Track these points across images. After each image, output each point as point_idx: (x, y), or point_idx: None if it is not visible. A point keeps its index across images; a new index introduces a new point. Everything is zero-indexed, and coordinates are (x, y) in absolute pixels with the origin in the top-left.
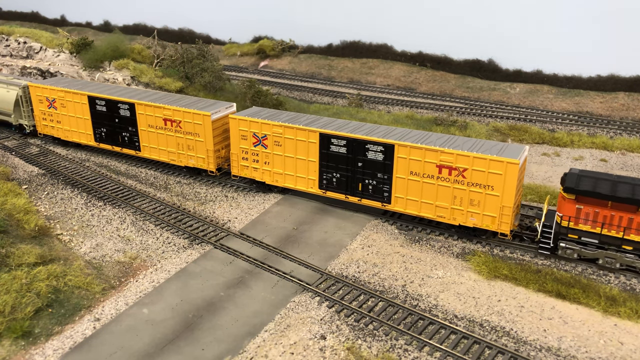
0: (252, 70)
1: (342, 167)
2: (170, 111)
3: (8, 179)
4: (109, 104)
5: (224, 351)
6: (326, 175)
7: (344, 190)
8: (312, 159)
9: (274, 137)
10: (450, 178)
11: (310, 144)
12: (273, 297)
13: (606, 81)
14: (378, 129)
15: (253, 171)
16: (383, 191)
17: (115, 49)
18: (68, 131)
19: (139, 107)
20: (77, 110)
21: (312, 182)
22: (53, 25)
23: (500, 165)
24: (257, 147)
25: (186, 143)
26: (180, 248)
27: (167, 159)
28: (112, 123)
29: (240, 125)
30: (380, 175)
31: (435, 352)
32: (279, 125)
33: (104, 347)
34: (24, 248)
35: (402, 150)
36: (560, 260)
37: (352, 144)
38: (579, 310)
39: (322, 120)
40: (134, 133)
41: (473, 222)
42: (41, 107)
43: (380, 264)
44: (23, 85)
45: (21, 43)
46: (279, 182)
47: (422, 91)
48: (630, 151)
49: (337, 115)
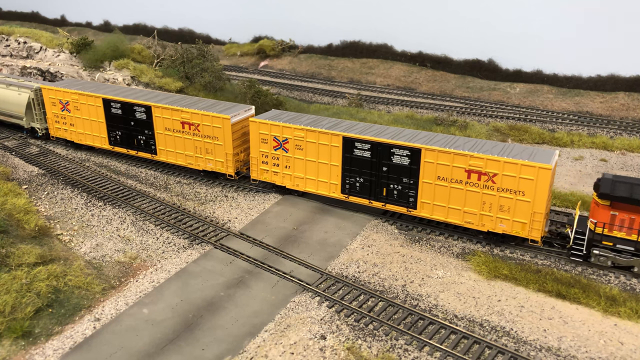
0: (252, 70)
1: (365, 172)
2: (189, 114)
3: (8, 179)
4: (125, 106)
5: (224, 351)
6: (349, 180)
7: (368, 195)
8: (335, 163)
9: (295, 140)
10: (480, 183)
11: (333, 147)
12: (273, 297)
13: (606, 81)
14: (402, 133)
15: (273, 175)
16: (409, 196)
17: (115, 49)
18: (82, 134)
19: (155, 110)
20: (92, 113)
21: (334, 187)
22: (53, 25)
23: (532, 170)
24: (277, 150)
25: (204, 146)
26: (180, 248)
27: (185, 162)
28: (128, 126)
29: (260, 129)
30: (405, 180)
31: (435, 352)
32: (301, 129)
33: (104, 347)
34: (24, 248)
35: (430, 154)
36: (561, 261)
37: (377, 148)
38: (579, 310)
39: (344, 123)
40: (150, 136)
41: (502, 229)
42: (54, 110)
43: (380, 264)
44: (35, 87)
45: (21, 43)
46: (300, 187)
47: (422, 91)
48: (630, 151)
49: (337, 115)
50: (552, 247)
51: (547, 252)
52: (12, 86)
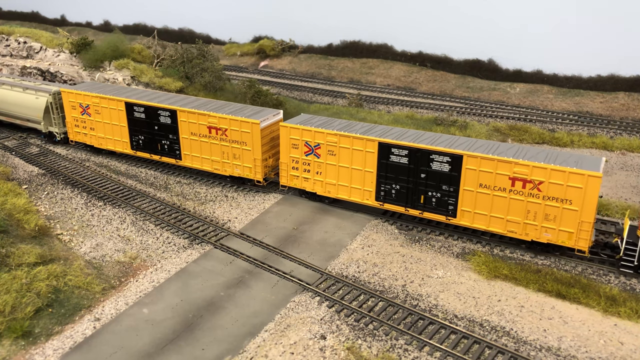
0: (252, 70)
1: (402, 179)
2: (216, 119)
3: (8, 179)
4: (149, 110)
5: (224, 351)
6: (384, 187)
7: (404, 203)
8: (370, 170)
9: (327, 146)
10: (524, 191)
11: (368, 153)
12: (273, 297)
13: (606, 81)
14: (440, 138)
15: (303, 181)
16: (448, 204)
17: (115, 49)
18: (102, 138)
19: (181, 114)
20: (113, 117)
21: (368, 194)
22: (53, 25)
23: (581, 178)
24: (308, 156)
25: (232, 152)
26: (180, 248)
27: (211, 168)
28: (151, 130)
29: (291, 134)
30: (445, 188)
31: (435, 352)
32: (334, 134)
33: (104, 347)
34: (24, 248)
35: (472, 161)
36: (561, 261)
37: (415, 154)
38: (579, 310)
39: (378, 128)
40: (174, 141)
41: (547, 238)
42: (74, 114)
43: (380, 264)
44: (53, 91)
45: (21, 43)
46: (331, 193)
47: (422, 91)
48: (630, 151)
49: (337, 115)
50: (597, 257)
51: (598, 265)
52: (28, 90)
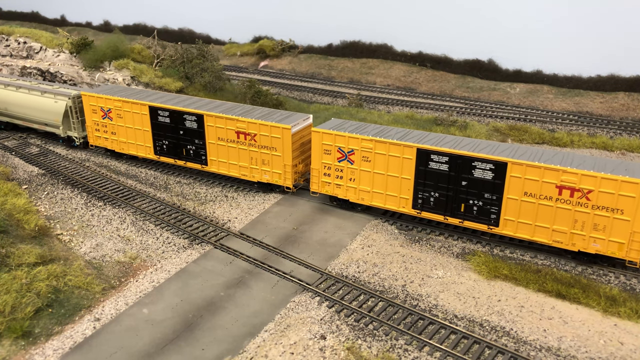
0: (252, 70)
1: (442, 186)
2: (245, 124)
3: (8, 179)
4: (174, 115)
5: (224, 351)
6: (422, 195)
7: (443, 211)
8: (407, 177)
9: (362, 152)
10: (572, 200)
11: (405, 160)
12: (273, 297)
13: (606, 81)
14: (481, 145)
15: (335, 188)
16: (490, 213)
17: (115, 49)
18: (124, 143)
19: (208, 118)
20: (136, 121)
21: (405, 202)
22: (53, 25)
23: (634, 187)
24: (341, 162)
25: (261, 157)
26: (180, 248)
27: (238, 174)
28: (176, 135)
29: (324, 139)
30: (487, 196)
31: (435, 352)
32: (370, 140)
33: (104, 347)
34: (24, 248)
35: (517, 168)
36: (561, 261)
37: (456, 161)
38: (579, 310)
39: (414, 133)
40: (200, 146)
41: (596, 249)
42: (94, 118)
43: (380, 264)
44: (73, 95)
45: (21, 43)
46: (365, 201)
47: (422, 91)
48: (630, 151)
49: (337, 115)
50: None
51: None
52: (47, 93)
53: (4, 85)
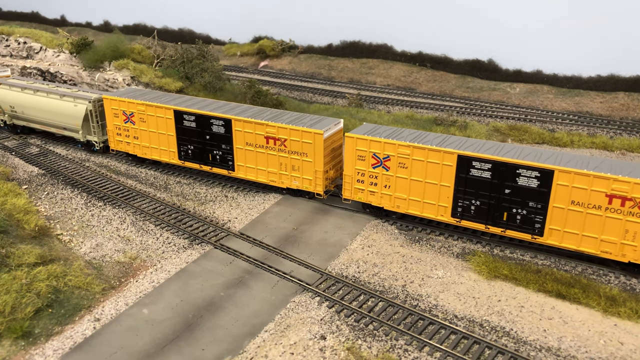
0: (252, 70)
1: (483, 194)
2: (275, 128)
3: (8, 179)
4: (200, 119)
5: (224, 351)
6: (462, 202)
7: (484, 220)
8: (446, 184)
9: (398, 158)
10: (623, 210)
11: (445, 166)
12: (273, 297)
13: (606, 81)
14: (524, 151)
15: (369, 195)
16: (534, 222)
17: (115, 49)
18: (147, 148)
19: (236, 123)
20: (160, 125)
21: (443, 210)
22: (53, 25)
23: None
24: (376, 168)
25: (290, 163)
26: (180, 248)
27: (267, 180)
28: (202, 140)
29: (357, 145)
30: (532, 205)
31: (435, 352)
32: (407, 146)
33: (104, 347)
34: (24, 248)
35: (564, 176)
36: (561, 261)
37: (499, 168)
38: (579, 310)
39: (451, 139)
40: (227, 151)
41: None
42: (116, 122)
43: (380, 264)
44: (93, 98)
45: (21, 43)
46: (401, 208)
47: (422, 91)
48: (630, 151)
49: (337, 115)
50: None
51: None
52: (66, 97)
53: (21, 89)
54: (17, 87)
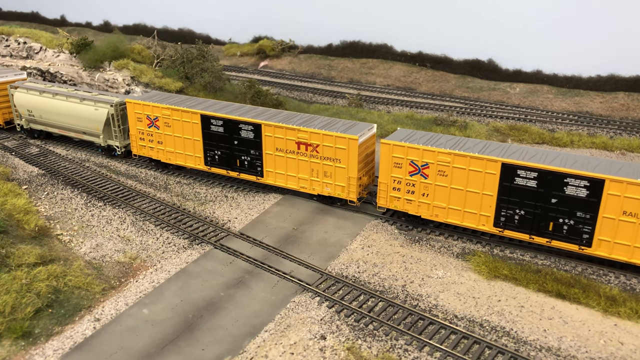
0: (252, 70)
1: (528, 203)
2: (307, 134)
3: (8, 179)
4: (228, 124)
5: (224, 351)
6: (506, 212)
7: (529, 230)
8: (489, 193)
9: (438, 165)
10: None
11: (488, 175)
12: (273, 297)
13: (606, 81)
14: (570, 159)
15: (406, 203)
16: (582, 233)
17: (115, 49)
18: (171, 153)
19: (266, 128)
20: (186, 130)
21: (485, 219)
22: (53, 26)
23: None
24: (414, 176)
25: (322, 169)
26: (180, 248)
27: (297, 186)
28: (230, 145)
29: (394, 152)
30: (580, 215)
31: (435, 352)
32: (447, 153)
33: (104, 347)
34: (24, 248)
35: (615, 186)
36: (561, 261)
37: (546, 177)
38: (579, 310)
39: (492, 145)
40: (256, 157)
41: None
42: (139, 126)
43: (380, 264)
44: (115, 102)
45: (21, 43)
46: (440, 217)
47: (422, 91)
48: (630, 151)
49: (337, 115)
50: None
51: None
52: (86, 100)
53: (39, 92)
54: (35, 91)
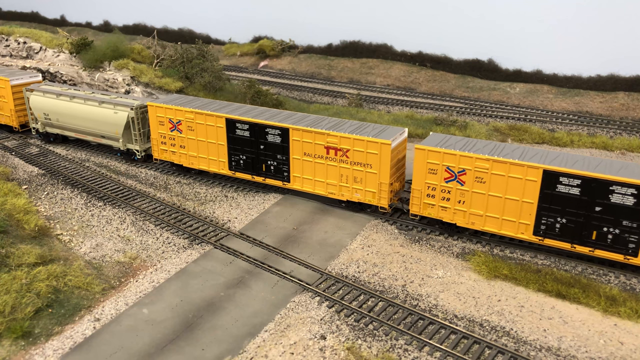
0: (252, 70)
1: (571, 211)
2: (337, 138)
3: (8, 179)
4: (255, 128)
5: (224, 351)
6: (546, 220)
7: (570, 239)
8: (529, 200)
9: (475, 172)
10: None
11: (529, 182)
12: (273, 297)
13: (606, 81)
14: (615, 165)
15: (440, 211)
16: (628, 242)
17: (115, 49)
18: (194, 157)
19: (294, 132)
20: (210, 134)
21: (525, 227)
22: (53, 25)
23: None
24: (449, 183)
25: (352, 175)
26: (180, 248)
27: (325, 192)
28: (256, 150)
29: (429, 158)
30: (626, 223)
31: (435, 352)
32: (486, 159)
33: (104, 347)
34: (24, 248)
35: None
36: (561, 261)
37: (590, 184)
38: (579, 310)
39: (531, 151)
40: (283, 162)
41: None
42: (161, 130)
43: (380, 264)
44: (136, 105)
45: (21, 43)
46: (476, 225)
47: (422, 91)
48: (630, 151)
49: (338, 115)
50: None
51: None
52: (105, 103)
53: (56, 95)
54: (51, 94)
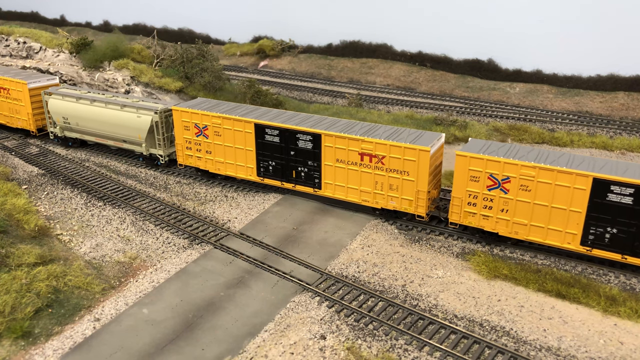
0: (251, 70)
1: (622, 221)
2: (372, 144)
3: (8, 179)
4: (285, 133)
5: (224, 351)
6: (595, 230)
7: (621, 249)
8: (577, 209)
9: (520, 180)
10: None
11: (577, 190)
12: (273, 297)
13: (606, 81)
14: None
15: (482, 219)
16: None
17: (115, 49)
18: (221, 163)
19: (326, 138)
20: (238, 139)
21: (571, 237)
22: (53, 25)
23: None
24: (492, 191)
25: (388, 182)
26: (180, 248)
27: (358, 199)
28: (286, 156)
29: (471, 165)
30: None
31: (435, 352)
32: (532, 167)
33: (104, 347)
34: (23, 248)
35: None
36: (561, 261)
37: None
38: (579, 310)
39: (578, 158)
40: (314, 168)
41: None
42: (186, 135)
43: (380, 264)
44: (160, 109)
45: (21, 43)
46: (520, 235)
47: (422, 91)
48: (630, 151)
49: (337, 115)
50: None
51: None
52: (127, 107)
53: (76, 99)
54: (71, 97)
